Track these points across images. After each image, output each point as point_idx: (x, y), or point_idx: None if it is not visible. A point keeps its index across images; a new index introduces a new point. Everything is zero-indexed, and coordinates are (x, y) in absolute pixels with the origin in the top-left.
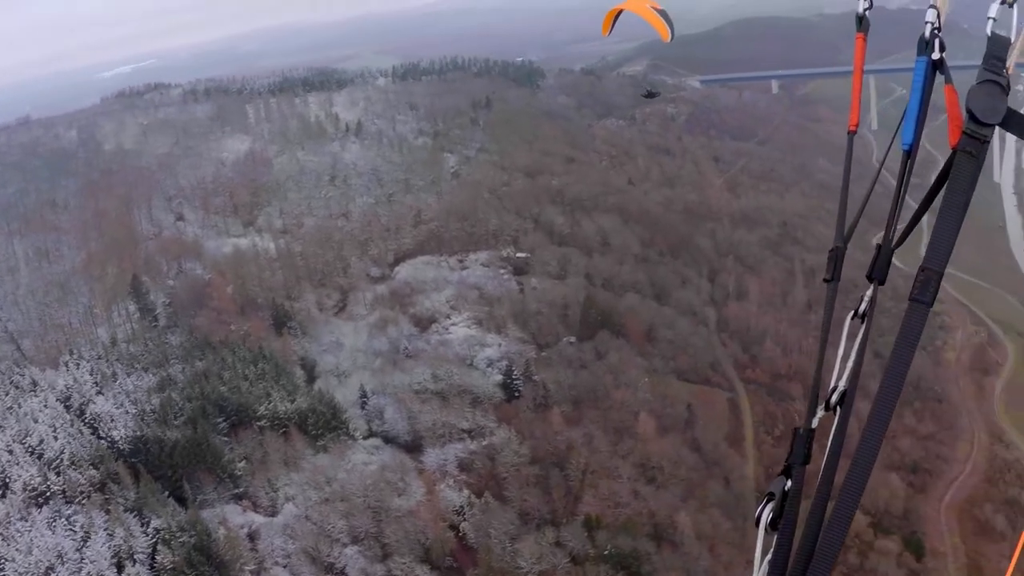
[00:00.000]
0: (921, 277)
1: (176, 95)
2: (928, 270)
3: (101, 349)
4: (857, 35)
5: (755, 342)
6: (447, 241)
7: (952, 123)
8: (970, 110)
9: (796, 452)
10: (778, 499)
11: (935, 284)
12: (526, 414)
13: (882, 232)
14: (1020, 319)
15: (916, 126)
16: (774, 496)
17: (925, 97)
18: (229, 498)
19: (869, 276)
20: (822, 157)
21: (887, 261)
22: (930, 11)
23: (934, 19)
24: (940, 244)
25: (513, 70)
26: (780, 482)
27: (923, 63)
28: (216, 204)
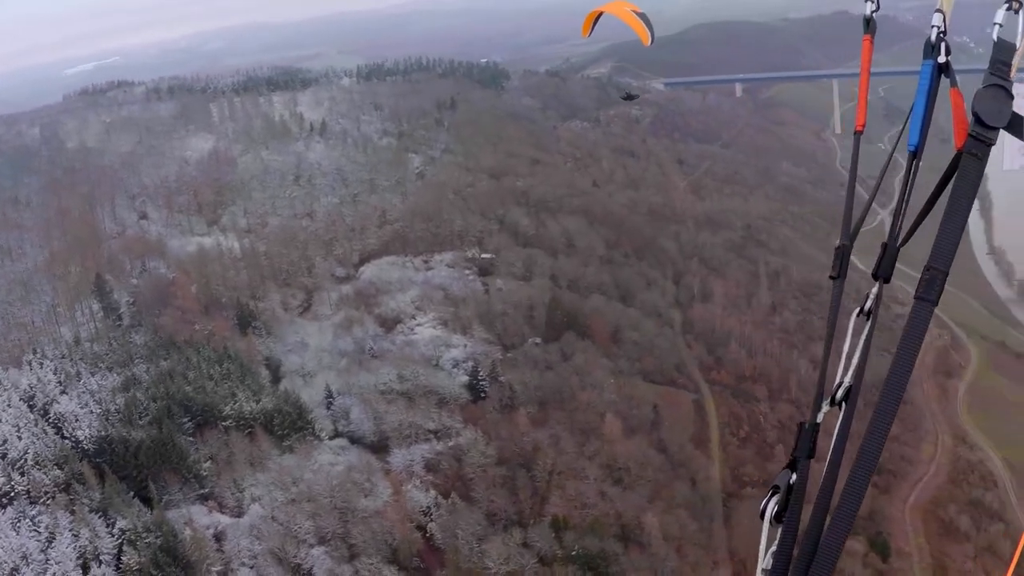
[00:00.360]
0: (926, 276)
1: (140, 93)
2: (933, 269)
3: (65, 348)
4: (864, 37)
5: (720, 344)
6: (412, 242)
7: (958, 126)
8: (976, 113)
9: (801, 446)
10: (783, 492)
11: (940, 283)
12: (492, 415)
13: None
14: (983, 322)
15: (922, 128)
16: (779, 489)
17: (930, 100)
18: (195, 499)
19: (874, 274)
20: (786, 160)
21: (892, 260)
22: (936, 15)
23: (940, 23)
24: (945, 244)
25: (478, 71)
26: (785, 476)
27: (929, 66)
28: (180, 203)
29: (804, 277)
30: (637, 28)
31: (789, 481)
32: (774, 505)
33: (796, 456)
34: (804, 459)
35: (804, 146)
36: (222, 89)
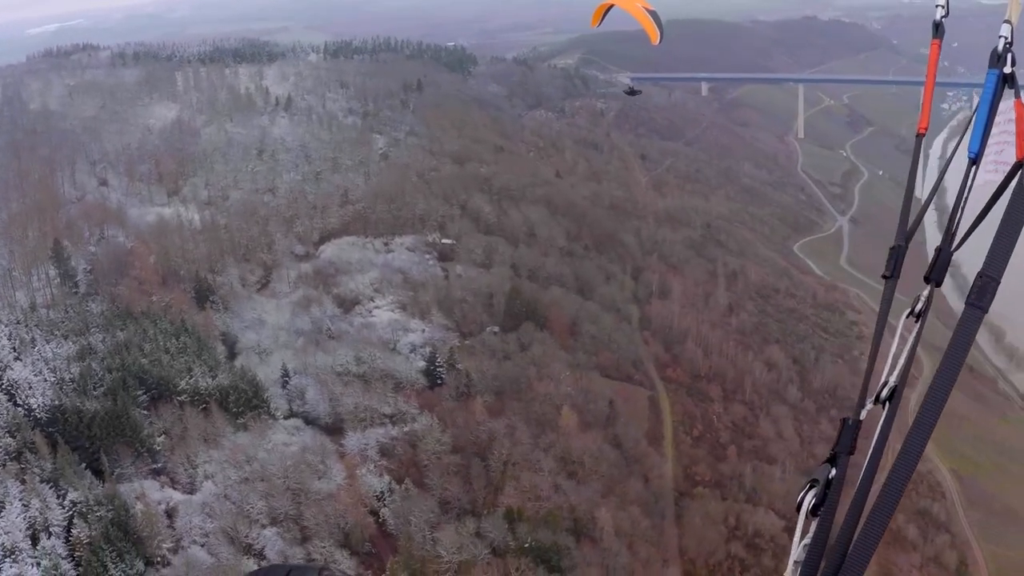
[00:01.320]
0: (979, 283)
1: (104, 58)
2: (986, 276)
3: (20, 314)
4: (932, 41)
5: (676, 342)
6: (373, 223)
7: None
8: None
9: (843, 442)
10: (821, 486)
11: (992, 290)
12: (448, 402)
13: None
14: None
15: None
16: (817, 483)
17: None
18: (147, 473)
19: (927, 277)
20: (748, 162)
21: (946, 264)
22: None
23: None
24: (999, 252)
25: (446, 55)
26: (824, 470)
27: (994, 76)
28: (141, 171)
29: (761, 279)
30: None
31: (828, 475)
32: (811, 498)
33: (837, 451)
34: (845, 455)
35: (767, 149)
36: (188, 58)
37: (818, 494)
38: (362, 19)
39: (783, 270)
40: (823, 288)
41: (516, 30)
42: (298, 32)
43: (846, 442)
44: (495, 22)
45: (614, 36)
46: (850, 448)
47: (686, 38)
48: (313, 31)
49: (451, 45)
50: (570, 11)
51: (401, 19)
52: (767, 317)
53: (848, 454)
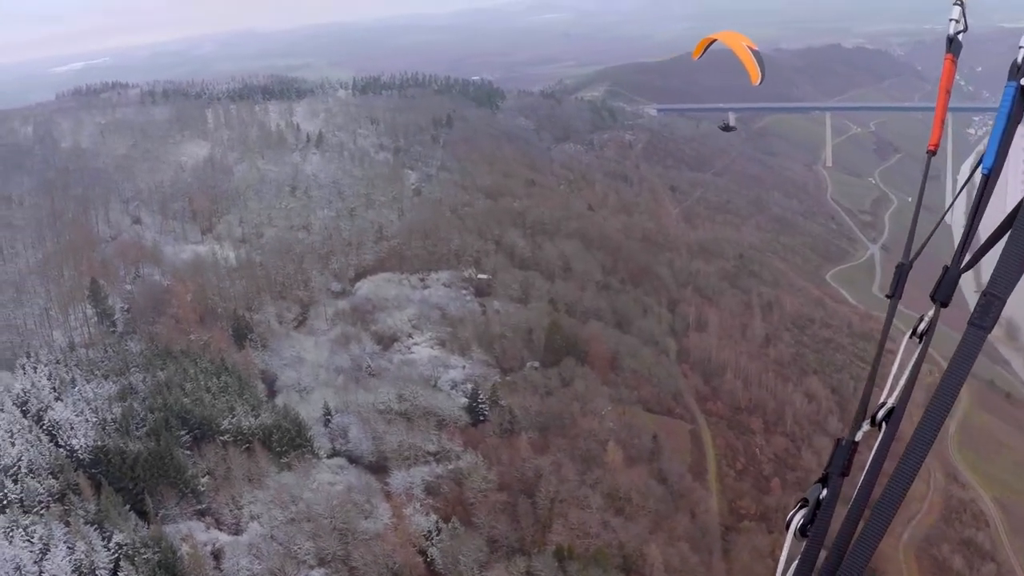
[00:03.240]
0: (982, 301)
1: (134, 95)
2: (991, 295)
3: (59, 353)
4: (946, 56)
5: (715, 374)
6: (408, 259)
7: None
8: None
9: (835, 462)
10: (811, 506)
11: (997, 310)
12: (492, 439)
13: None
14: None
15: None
16: (807, 503)
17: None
18: (192, 514)
19: (933, 296)
20: (777, 191)
21: (953, 283)
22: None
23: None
24: (1006, 270)
25: (473, 89)
26: (816, 490)
27: (1012, 89)
28: (174, 209)
29: (796, 309)
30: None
31: (819, 496)
32: (799, 519)
33: (829, 472)
34: (836, 475)
35: (795, 178)
36: (217, 95)
37: (807, 514)
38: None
39: (817, 300)
40: (858, 317)
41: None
42: (322, 68)
43: (838, 463)
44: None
45: (639, 68)
46: (843, 469)
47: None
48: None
49: (476, 79)
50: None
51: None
52: (804, 348)
53: (841, 475)
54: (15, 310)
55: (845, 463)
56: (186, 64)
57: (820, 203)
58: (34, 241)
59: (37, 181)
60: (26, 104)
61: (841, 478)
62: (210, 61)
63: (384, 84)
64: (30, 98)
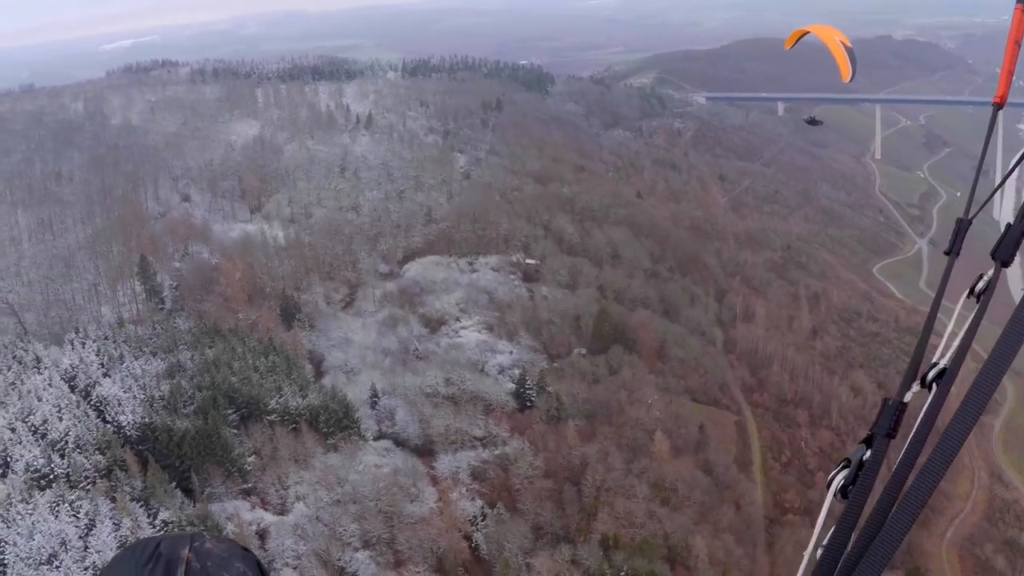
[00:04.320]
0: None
1: (184, 74)
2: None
3: (107, 329)
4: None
5: (761, 366)
6: (457, 242)
7: None
8: None
9: (881, 423)
10: (853, 467)
11: None
12: (539, 426)
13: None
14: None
15: None
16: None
17: None
18: (238, 493)
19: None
20: (825, 183)
21: (1015, 242)
22: None
23: None
24: None
25: (523, 74)
26: (860, 451)
27: None
28: (223, 188)
29: (843, 302)
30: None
31: (862, 457)
32: (841, 479)
33: (874, 432)
34: (882, 437)
35: (844, 169)
36: (267, 75)
37: (849, 475)
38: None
39: (864, 293)
40: (904, 312)
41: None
42: (370, 50)
43: (884, 423)
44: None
45: (688, 55)
46: (889, 430)
47: (759, 57)
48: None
49: (523, 63)
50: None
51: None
52: (850, 341)
53: (887, 436)
54: (64, 285)
55: (892, 424)
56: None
57: (868, 196)
58: (84, 217)
59: (87, 157)
60: (76, 81)
61: (887, 440)
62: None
63: (433, 67)
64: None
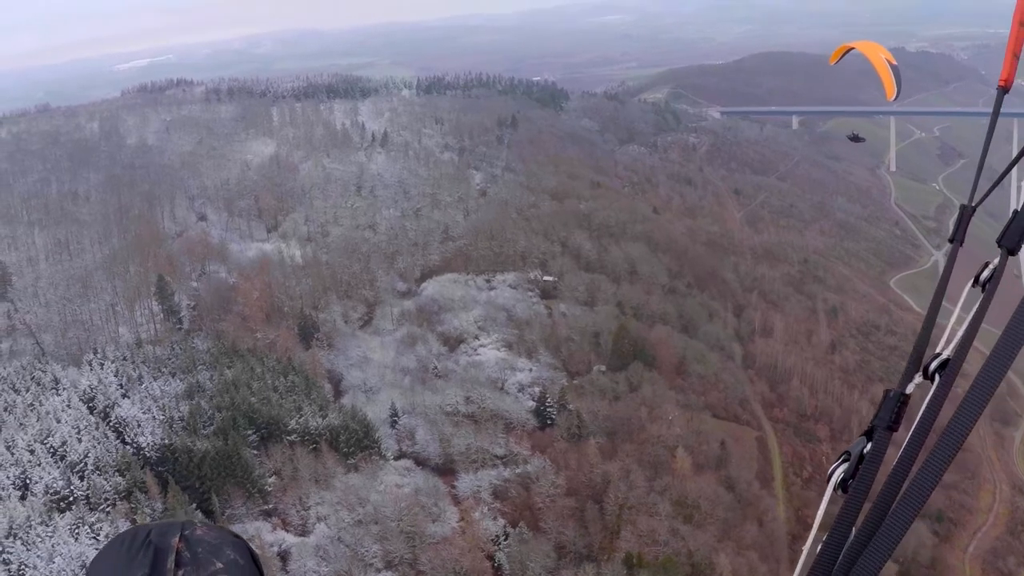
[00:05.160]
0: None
1: (199, 93)
2: None
3: (125, 350)
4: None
5: (781, 381)
6: (474, 259)
7: None
8: None
9: (882, 415)
10: (853, 460)
11: None
12: (560, 444)
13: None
14: None
15: None
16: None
17: None
18: (259, 514)
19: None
20: (840, 196)
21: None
22: None
23: None
24: None
25: (537, 90)
26: (860, 443)
27: None
28: (240, 207)
29: (861, 316)
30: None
31: (863, 450)
32: (840, 473)
33: (875, 424)
34: (883, 429)
35: (859, 182)
36: (282, 93)
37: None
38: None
39: (882, 306)
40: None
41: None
42: (384, 68)
43: (885, 416)
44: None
45: (702, 70)
46: (890, 422)
47: (773, 71)
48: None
49: (537, 80)
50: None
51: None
52: (869, 355)
53: (888, 429)
54: (82, 305)
55: (893, 416)
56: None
57: (884, 208)
58: (100, 237)
59: (103, 177)
60: (90, 100)
61: (888, 432)
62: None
63: (448, 84)
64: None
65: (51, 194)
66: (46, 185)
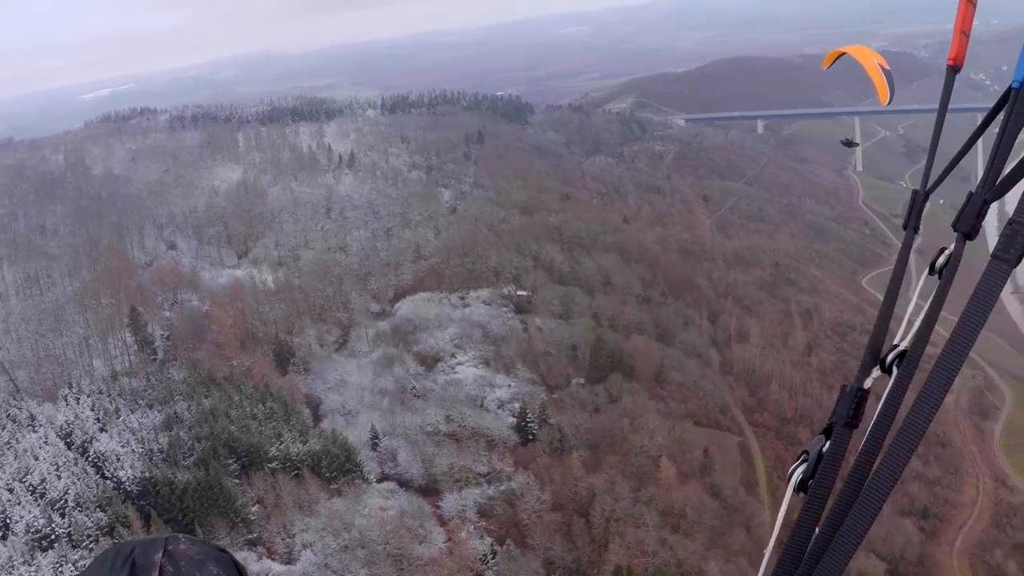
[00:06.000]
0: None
1: (163, 121)
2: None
3: (101, 383)
4: None
5: (760, 385)
6: (447, 277)
7: None
8: None
9: (839, 411)
10: (812, 460)
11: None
12: (543, 458)
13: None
14: (1014, 363)
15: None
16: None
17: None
18: (243, 544)
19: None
20: (809, 198)
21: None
22: None
23: None
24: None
25: (502, 105)
26: (819, 442)
27: None
28: (209, 234)
29: (836, 317)
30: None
31: (822, 448)
32: (799, 474)
33: (833, 422)
34: (841, 426)
35: (826, 184)
36: (246, 118)
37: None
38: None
39: (856, 306)
40: (897, 323)
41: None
42: (346, 88)
43: (843, 412)
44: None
45: (665, 78)
46: (848, 419)
47: (736, 76)
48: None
49: (501, 94)
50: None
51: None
52: (846, 355)
53: (847, 426)
54: (55, 340)
55: (851, 412)
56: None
57: (852, 208)
58: (71, 269)
59: (71, 209)
60: (54, 132)
61: (847, 429)
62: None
63: (412, 102)
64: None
65: (19, 228)
66: (13, 220)
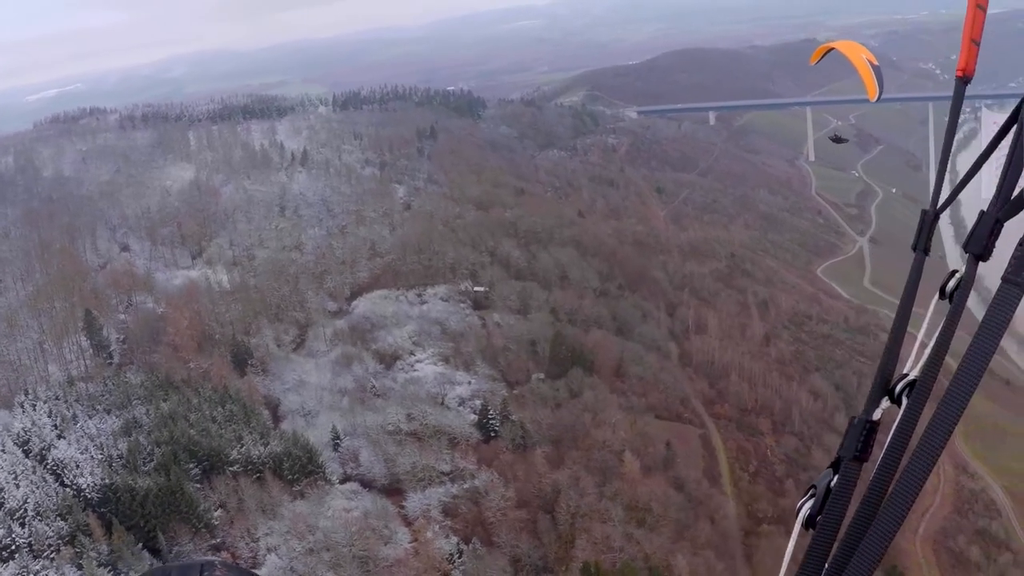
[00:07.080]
0: (1018, 254)
1: (113, 121)
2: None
3: (57, 388)
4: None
5: (719, 377)
6: (404, 274)
7: None
8: None
9: (848, 444)
10: (820, 495)
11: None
12: (506, 455)
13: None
14: None
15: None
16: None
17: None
18: (207, 549)
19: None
20: (762, 188)
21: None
22: None
23: None
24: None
25: (454, 100)
26: (827, 476)
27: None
28: (162, 235)
29: (792, 307)
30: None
31: (830, 483)
32: (807, 509)
33: (841, 456)
34: (849, 459)
35: (779, 174)
36: (197, 117)
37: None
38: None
39: (812, 296)
40: (853, 311)
41: (515, 71)
42: (297, 85)
43: (851, 445)
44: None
45: (616, 71)
46: (857, 452)
47: (687, 68)
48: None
49: (452, 89)
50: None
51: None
52: (803, 345)
53: (856, 459)
54: (8, 345)
55: (859, 445)
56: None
57: (805, 198)
58: (23, 273)
59: (21, 212)
60: (2, 134)
61: (856, 463)
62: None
63: (364, 99)
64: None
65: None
66: None
